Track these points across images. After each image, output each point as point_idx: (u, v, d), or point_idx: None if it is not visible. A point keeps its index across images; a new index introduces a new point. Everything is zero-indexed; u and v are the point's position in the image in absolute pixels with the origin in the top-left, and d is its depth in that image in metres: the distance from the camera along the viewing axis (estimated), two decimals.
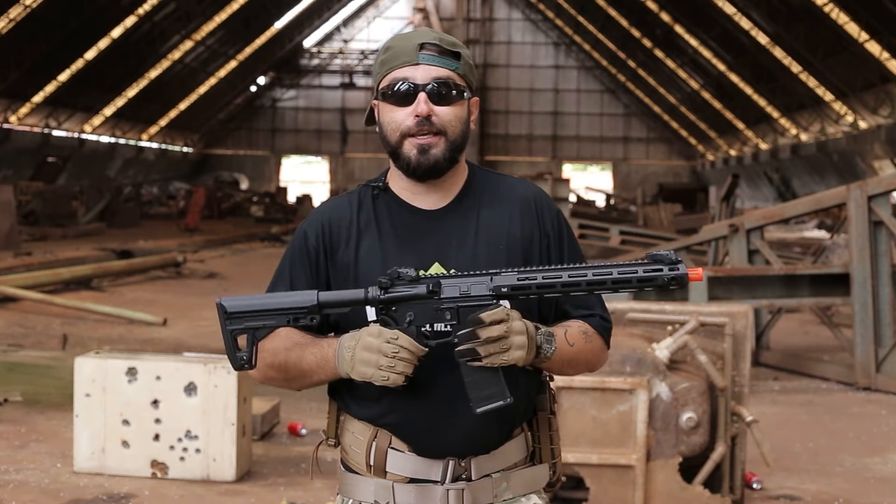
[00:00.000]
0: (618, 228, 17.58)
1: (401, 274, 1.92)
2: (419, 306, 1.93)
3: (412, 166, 2.04)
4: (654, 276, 1.89)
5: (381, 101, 2.08)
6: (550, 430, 2.15)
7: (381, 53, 2.09)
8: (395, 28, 50.80)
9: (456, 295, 1.92)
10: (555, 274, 1.91)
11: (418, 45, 2.03)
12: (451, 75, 2.04)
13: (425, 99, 2.01)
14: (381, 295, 1.93)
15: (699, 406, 4.70)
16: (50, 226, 24.59)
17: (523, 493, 2.10)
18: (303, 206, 35.81)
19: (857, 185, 9.02)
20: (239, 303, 1.99)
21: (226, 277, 16.59)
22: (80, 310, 11.79)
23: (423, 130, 2.02)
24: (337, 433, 2.14)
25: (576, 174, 51.33)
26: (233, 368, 2.02)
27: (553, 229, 2.13)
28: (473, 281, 1.92)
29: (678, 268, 1.89)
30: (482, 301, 1.91)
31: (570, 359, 2.03)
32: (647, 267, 1.90)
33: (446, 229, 2.08)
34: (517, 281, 1.91)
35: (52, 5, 28.61)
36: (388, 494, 2.05)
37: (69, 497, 5.21)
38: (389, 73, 2.05)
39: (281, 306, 1.97)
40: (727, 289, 8.94)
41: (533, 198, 2.15)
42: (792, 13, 28.87)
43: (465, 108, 2.07)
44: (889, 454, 6.58)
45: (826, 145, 33.52)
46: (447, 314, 1.92)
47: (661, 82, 45.08)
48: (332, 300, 1.96)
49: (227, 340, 1.98)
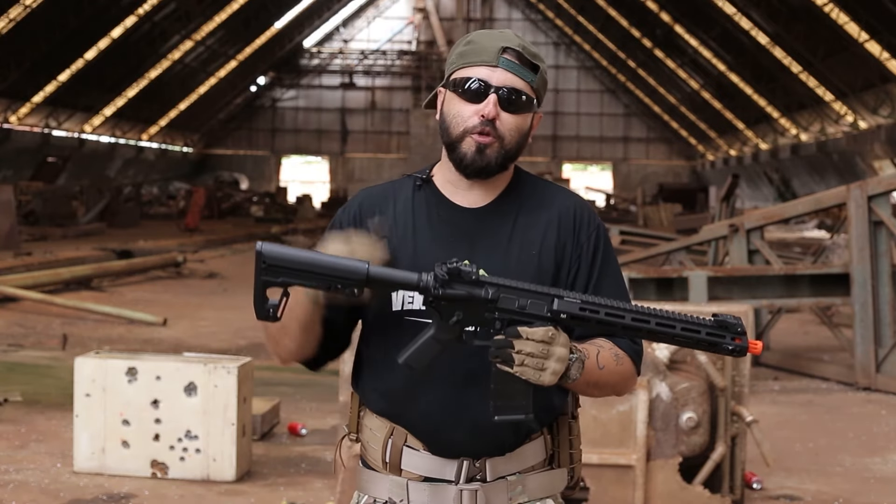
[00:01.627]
0: (618, 228, 17.62)
1: (461, 271, 1.83)
2: (471, 307, 1.85)
3: (465, 162, 2.03)
4: (716, 342, 1.85)
5: (449, 91, 2.06)
6: (571, 435, 2.12)
7: (462, 45, 2.07)
8: (394, 28, 50.86)
9: (512, 308, 1.85)
10: (618, 314, 1.85)
11: (501, 48, 2.02)
12: (525, 86, 2.03)
13: (495, 102, 2.00)
14: (436, 286, 1.83)
15: (699, 406, 4.70)
16: (50, 226, 24.58)
17: (539, 496, 2.08)
18: (303, 206, 35.78)
19: (857, 185, 9.02)
20: (281, 253, 1.84)
21: (226, 277, 16.60)
22: (80, 310, 11.79)
23: (485, 131, 2.01)
24: (358, 428, 2.13)
25: (576, 174, 51.40)
26: (256, 318, 1.88)
27: (588, 242, 2.09)
28: (534, 298, 1.85)
29: (742, 340, 1.85)
30: (537, 320, 1.85)
31: (596, 381, 1.99)
32: (711, 330, 1.85)
33: (481, 229, 2.07)
34: (578, 311, 1.85)
35: (52, 5, 28.62)
36: (403, 492, 2.04)
37: (69, 497, 5.21)
38: (466, 67, 2.04)
39: (330, 267, 1.83)
40: (727, 289, 8.94)
41: (573, 207, 2.12)
42: (792, 13, 28.88)
43: (528, 121, 2.07)
44: (889, 454, 6.57)
45: (826, 145, 33.53)
46: (497, 324, 1.86)
47: (661, 82, 45.09)
48: (382, 276, 1.85)
49: (256, 289, 1.84)
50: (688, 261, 11.39)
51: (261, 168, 52.06)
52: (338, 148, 51.64)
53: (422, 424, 2.03)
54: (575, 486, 2.16)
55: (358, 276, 1.83)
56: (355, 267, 1.84)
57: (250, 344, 10.17)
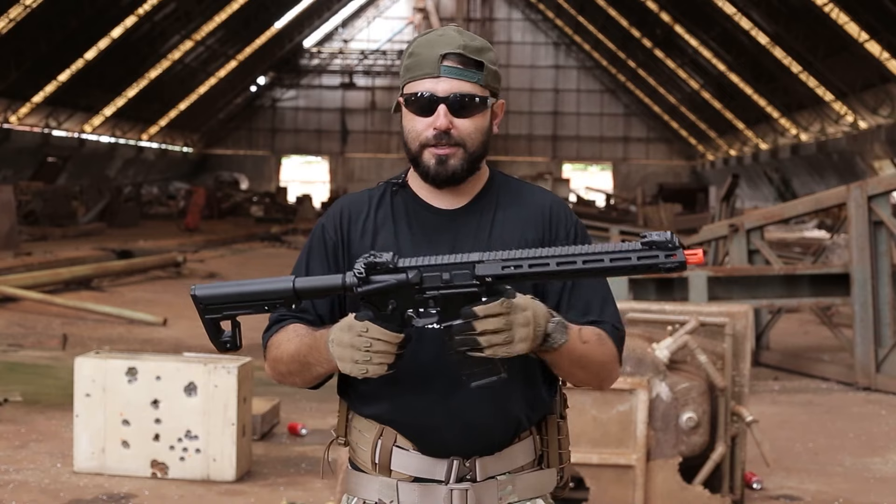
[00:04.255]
0: (618, 228, 17.62)
1: (378, 262, 1.84)
2: (401, 294, 1.85)
3: (430, 175, 2.04)
4: (650, 264, 1.76)
5: (403, 105, 2.08)
6: (560, 435, 2.12)
7: (406, 57, 2.08)
8: (394, 28, 50.84)
9: (438, 284, 1.84)
10: (542, 262, 1.80)
11: (440, 56, 2.01)
12: (473, 88, 2.02)
13: (445, 112, 2.01)
14: (359, 283, 1.85)
15: (699, 406, 4.70)
16: (50, 226, 24.57)
17: (529, 497, 2.08)
18: (303, 206, 35.77)
19: (857, 185, 9.02)
20: (213, 291, 1.94)
21: (226, 277, 16.59)
22: (80, 310, 11.79)
23: (441, 143, 2.01)
24: (346, 431, 2.13)
25: (576, 174, 51.39)
26: (217, 351, 2.00)
27: (567, 239, 2.10)
28: (456, 269, 1.83)
29: (677, 254, 1.76)
30: (466, 289, 1.82)
31: (580, 357, 1.96)
32: (641, 254, 1.77)
33: (461, 228, 2.08)
34: (501, 270, 1.81)
35: (52, 5, 28.61)
36: (393, 493, 2.04)
37: (69, 497, 5.21)
38: (412, 81, 2.05)
39: (259, 293, 1.92)
40: (727, 289, 8.94)
41: (550, 206, 2.13)
42: (792, 13, 28.88)
43: (486, 118, 2.07)
44: (889, 454, 6.58)
45: (826, 145, 33.52)
46: (431, 302, 1.85)
47: (661, 82, 45.08)
48: (308, 287, 1.90)
49: (207, 327, 1.96)
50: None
51: (261, 168, 52.06)
52: (338, 148, 51.64)
53: (411, 424, 2.03)
54: (565, 487, 2.17)
55: (286, 293, 1.91)
56: (282, 286, 1.91)
57: (250, 344, 10.16)
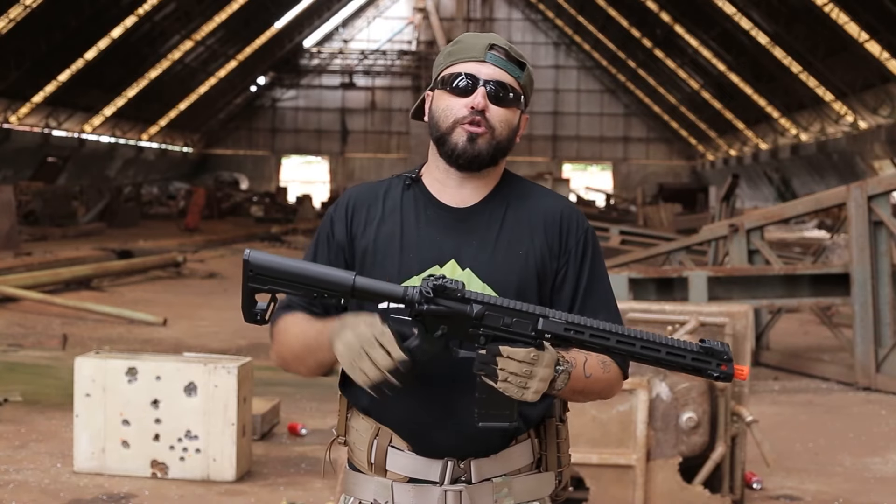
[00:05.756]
0: (618, 228, 17.61)
1: (447, 287, 1.82)
2: (456, 322, 1.85)
3: (457, 152, 2.04)
4: (701, 367, 1.84)
5: (438, 90, 2.08)
6: (558, 438, 2.12)
7: (450, 46, 2.11)
8: (394, 28, 50.85)
9: (497, 325, 1.84)
10: (603, 335, 1.85)
11: (488, 45, 2.06)
12: (513, 81, 2.06)
13: (483, 94, 2.03)
14: (421, 301, 1.83)
15: (699, 406, 4.70)
16: (50, 226, 24.56)
17: (526, 500, 2.07)
18: (303, 206, 35.74)
19: (857, 185, 9.02)
20: (268, 262, 1.86)
21: (226, 277, 16.60)
22: (80, 310, 11.79)
23: (475, 120, 2.03)
24: (346, 431, 2.13)
25: (576, 174, 51.36)
26: (244, 320, 1.93)
27: (577, 247, 2.10)
28: (519, 317, 1.84)
29: (728, 366, 1.84)
30: (520, 339, 1.84)
31: (581, 389, 2.00)
32: (696, 356, 1.84)
33: (469, 228, 2.07)
34: (563, 331, 1.84)
35: (52, 5, 28.60)
36: (388, 493, 2.04)
37: (69, 497, 5.21)
38: (454, 64, 2.06)
39: (316, 278, 1.86)
40: (727, 289, 8.94)
41: (561, 211, 2.12)
42: (792, 13, 28.87)
43: (516, 116, 2.08)
44: (889, 454, 6.57)
45: (826, 145, 33.52)
46: (482, 339, 1.86)
47: (661, 82, 45.08)
48: (367, 288, 1.86)
49: (244, 296, 1.89)
50: (688, 261, 11.38)
51: (261, 168, 52.06)
52: (338, 148, 51.63)
53: (406, 424, 2.03)
54: (564, 490, 2.16)
55: (343, 287, 1.86)
56: (341, 278, 1.86)
57: (250, 344, 10.17)
